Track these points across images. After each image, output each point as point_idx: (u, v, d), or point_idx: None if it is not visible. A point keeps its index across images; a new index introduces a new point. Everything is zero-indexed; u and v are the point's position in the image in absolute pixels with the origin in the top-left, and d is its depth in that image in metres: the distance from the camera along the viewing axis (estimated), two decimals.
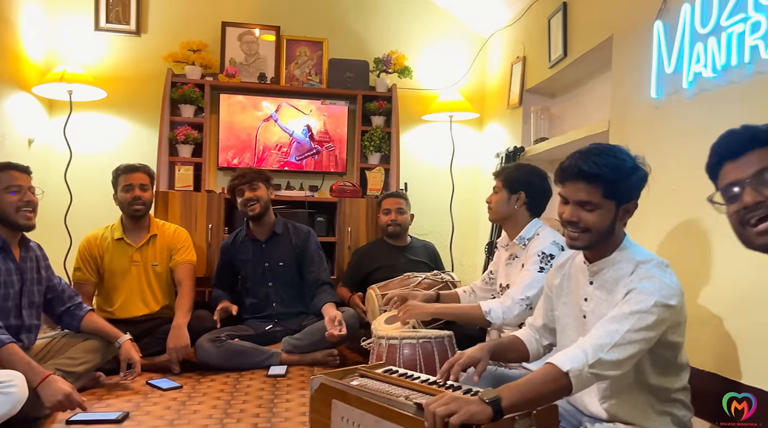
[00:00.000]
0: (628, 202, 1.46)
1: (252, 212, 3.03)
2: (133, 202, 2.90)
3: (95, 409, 2.17)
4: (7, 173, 2.20)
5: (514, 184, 2.20)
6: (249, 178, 3.03)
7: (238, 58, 3.85)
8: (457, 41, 4.10)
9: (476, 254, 4.06)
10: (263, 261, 3.09)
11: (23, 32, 3.30)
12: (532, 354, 1.74)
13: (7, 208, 2.17)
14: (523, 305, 2.06)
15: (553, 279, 1.68)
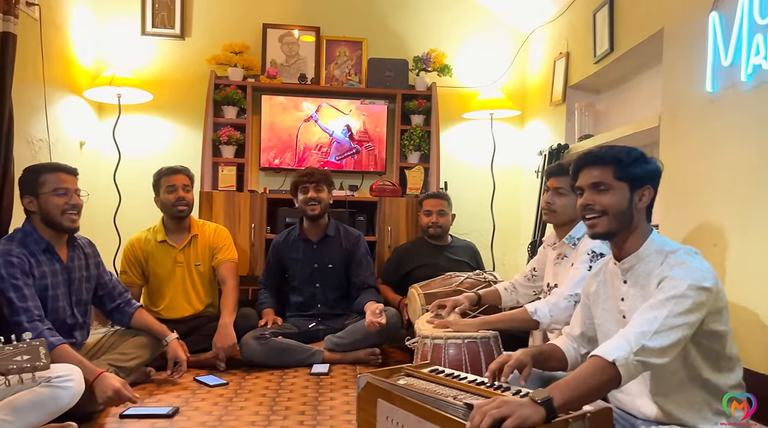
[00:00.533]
0: (642, 187, 1.48)
1: (312, 211, 3.05)
2: (177, 203, 2.95)
3: (146, 404, 2.23)
4: (54, 175, 2.23)
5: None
6: (316, 178, 3.05)
7: (279, 59, 3.89)
8: (498, 38, 4.05)
9: (518, 254, 4.00)
10: (313, 262, 3.12)
11: (74, 38, 3.41)
12: (570, 363, 1.71)
13: (54, 210, 2.19)
14: (571, 302, 2.01)
15: (589, 287, 1.67)
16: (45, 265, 2.21)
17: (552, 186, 2.19)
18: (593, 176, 1.50)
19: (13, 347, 1.36)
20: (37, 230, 2.22)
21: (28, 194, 2.21)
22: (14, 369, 1.34)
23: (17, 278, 2.07)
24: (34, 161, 2.85)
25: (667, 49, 2.31)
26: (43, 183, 2.20)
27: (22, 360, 1.36)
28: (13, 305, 2.03)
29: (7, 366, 1.33)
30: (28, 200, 2.22)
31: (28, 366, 1.36)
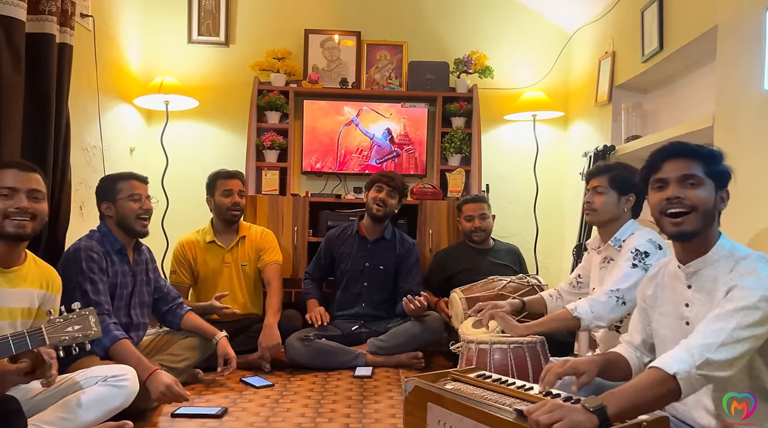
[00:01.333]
0: (723, 189, 1.42)
1: (376, 211, 3.11)
2: (232, 207, 3.04)
3: (196, 404, 2.28)
4: (130, 183, 2.38)
5: (624, 185, 2.09)
6: (394, 184, 3.11)
7: (321, 64, 3.94)
8: (540, 38, 4.00)
9: (562, 257, 3.93)
10: (365, 260, 3.16)
11: (125, 48, 3.53)
12: (635, 373, 1.64)
13: (129, 215, 2.35)
14: (613, 297, 1.95)
15: (646, 290, 1.60)
16: (117, 265, 2.34)
17: (591, 186, 2.17)
18: (684, 167, 1.40)
19: (63, 318, 1.41)
20: (112, 232, 2.36)
21: (105, 200, 2.37)
22: (67, 339, 1.39)
23: (95, 273, 2.21)
24: (89, 168, 2.98)
25: (721, 47, 2.24)
26: (120, 190, 2.35)
27: (73, 331, 1.40)
28: (87, 297, 2.15)
29: (60, 337, 1.37)
30: (105, 205, 2.37)
31: (79, 336, 1.41)
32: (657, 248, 1.98)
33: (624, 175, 2.11)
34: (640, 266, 1.96)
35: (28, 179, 1.75)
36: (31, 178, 1.77)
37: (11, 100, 2.14)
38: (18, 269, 1.78)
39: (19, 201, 1.72)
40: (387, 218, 3.17)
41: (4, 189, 1.71)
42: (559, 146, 4.01)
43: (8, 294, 1.74)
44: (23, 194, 1.73)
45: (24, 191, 1.74)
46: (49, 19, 2.34)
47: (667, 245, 2.01)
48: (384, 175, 3.16)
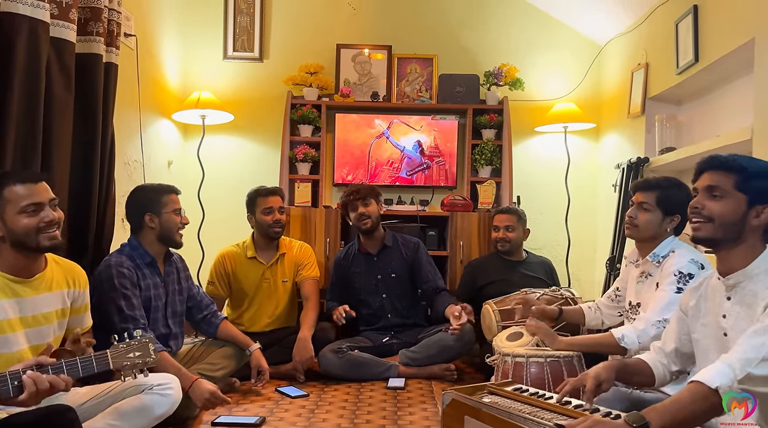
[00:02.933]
0: (762, 204, 1.41)
1: (365, 226, 3.13)
2: (274, 225, 3.08)
3: (234, 413, 2.33)
4: (172, 196, 2.44)
5: (671, 205, 2.03)
6: (362, 194, 3.13)
7: (352, 78, 4.00)
8: (571, 50, 4.00)
9: (594, 270, 3.90)
10: (376, 273, 3.18)
11: (165, 65, 3.65)
12: (658, 380, 1.65)
13: (173, 228, 2.41)
14: (661, 328, 1.91)
15: (689, 300, 1.60)
16: (149, 278, 2.38)
17: (637, 200, 2.11)
18: (710, 179, 1.46)
19: (126, 344, 1.47)
20: (142, 245, 2.40)
21: (150, 212, 2.39)
22: (128, 365, 1.45)
23: (127, 288, 2.24)
24: (130, 181, 3.07)
25: (759, 59, 2.22)
26: (165, 203, 2.40)
27: (134, 357, 1.46)
28: (122, 313, 2.20)
29: (121, 363, 1.43)
30: (149, 217, 2.38)
31: (139, 362, 1.46)
32: (700, 268, 1.95)
33: (672, 195, 2.04)
34: (685, 289, 1.93)
35: (45, 190, 1.73)
36: (45, 187, 1.74)
37: (62, 118, 2.24)
38: (41, 276, 1.78)
39: (45, 215, 1.69)
40: (378, 225, 3.19)
41: (29, 206, 1.67)
42: (591, 158, 3.99)
43: (38, 301, 1.76)
44: (47, 206, 1.71)
45: (47, 203, 1.71)
46: (97, 40, 2.44)
47: (710, 264, 1.98)
48: (348, 194, 3.18)
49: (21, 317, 1.70)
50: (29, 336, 1.73)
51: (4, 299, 1.67)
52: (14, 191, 1.67)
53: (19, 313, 1.70)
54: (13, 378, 1.25)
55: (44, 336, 1.77)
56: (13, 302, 1.69)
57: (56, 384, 1.29)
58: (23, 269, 1.72)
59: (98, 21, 2.44)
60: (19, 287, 1.71)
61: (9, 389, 1.24)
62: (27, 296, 1.72)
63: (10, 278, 1.69)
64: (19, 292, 1.71)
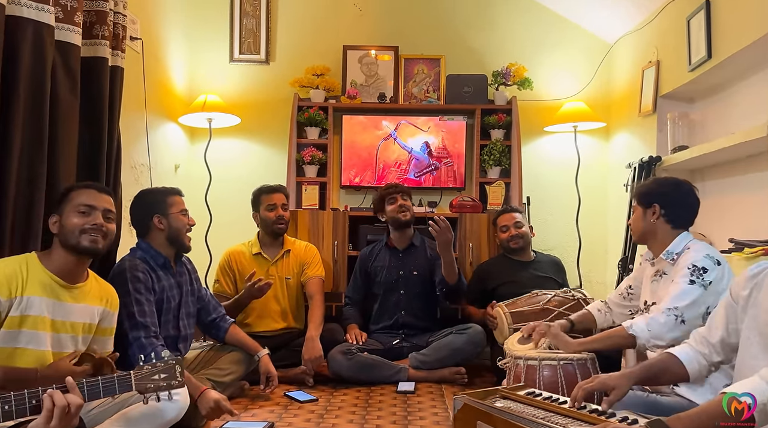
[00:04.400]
0: None
1: (404, 217, 3.17)
2: (277, 221, 3.09)
3: (243, 418, 2.31)
4: (176, 198, 2.43)
5: (645, 197, 2.10)
6: (401, 189, 3.23)
7: (359, 79, 3.98)
8: (580, 48, 3.96)
9: (606, 271, 3.85)
10: (399, 269, 3.20)
11: (171, 68, 3.64)
12: (692, 375, 1.56)
13: (182, 229, 2.40)
14: (671, 316, 1.88)
15: (741, 290, 1.48)
16: (163, 279, 2.37)
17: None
18: None
19: (151, 365, 1.45)
20: (153, 247, 2.38)
21: (157, 214, 2.38)
22: (152, 387, 1.42)
23: (141, 293, 2.23)
24: (137, 185, 3.06)
25: None
26: (171, 204, 2.40)
27: (159, 379, 1.44)
28: (133, 319, 2.18)
29: (146, 385, 1.41)
30: (158, 219, 2.38)
31: (164, 385, 1.44)
32: (715, 264, 1.91)
33: (645, 188, 2.14)
34: (698, 282, 1.90)
35: (104, 200, 1.88)
36: (106, 199, 1.89)
37: (68, 121, 2.23)
38: (82, 286, 1.86)
39: (95, 218, 1.83)
40: (413, 222, 3.24)
41: (82, 206, 1.83)
42: (601, 157, 3.94)
43: (72, 309, 1.82)
44: (99, 213, 1.84)
45: (100, 210, 1.85)
46: (102, 43, 2.43)
47: (726, 261, 1.94)
48: (387, 187, 3.25)
49: (52, 320, 1.77)
50: (53, 340, 1.77)
51: (45, 297, 1.75)
52: (78, 193, 1.86)
53: (52, 315, 1.77)
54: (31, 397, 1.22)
55: (64, 346, 1.80)
56: (51, 302, 1.77)
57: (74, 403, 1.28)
58: (68, 275, 1.82)
59: (104, 24, 2.42)
60: (60, 291, 1.80)
61: (26, 408, 1.22)
62: (64, 301, 1.80)
63: (56, 279, 1.79)
64: (59, 295, 1.80)
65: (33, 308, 1.72)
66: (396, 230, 3.23)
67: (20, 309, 1.70)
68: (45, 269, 1.78)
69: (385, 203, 3.21)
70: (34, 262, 1.79)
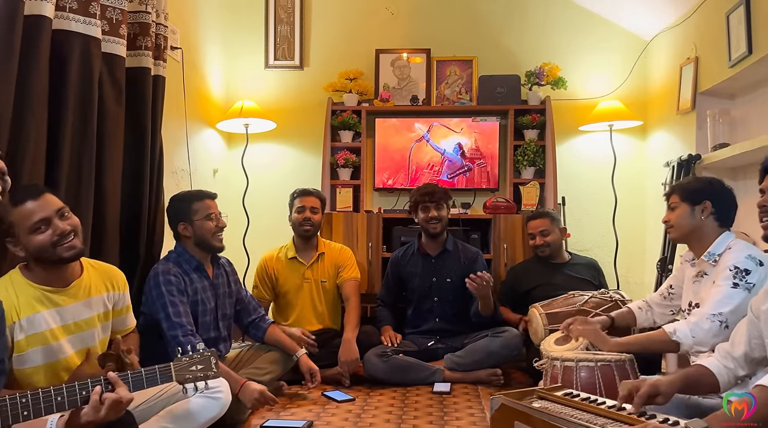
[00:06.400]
0: None
1: (433, 230, 3.12)
2: (303, 223, 3.13)
3: (282, 417, 2.36)
4: (203, 202, 2.47)
5: (694, 194, 2.05)
6: (437, 197, 3.11)
7: (392, 82, 4.01)
8: (615, 46, 3.90)
9: (644, 272, 3.79)
10: (432, 276, 3.17)
11: (208, 76, 3.74)
12: (723, 386, 1.57)
13: (207, 234, 2.44)
14: (716, 322, 1.86)
15: (761, 304, 1.52)
16: (197, 282, 2.43)
17: (668, 206, 2.17)
18: None
19: (188, 357, 1.50)
20: (187, 251, 2.46)
21: (182, 221, 2.45)
22: (190, 378, 1.48)
23: (174, 295, 2.29)
24: (178, 190, 3.13)
25: None
26: (196, 210, 2.44)
27: (196, 370, 1.49)
28: (170, 320, 2.25)
29: (184, 375, 1.47)
30: (183, 226, 2.45)
31: (201, 376, 1.50)
32: (758, 265, 1.88)
33: (692, 185, 2.10)
34: (741, 285, 1.86)
35: (48, 203, 1.69)
36: (48, 200, 1.69)
37: (114, 130, 2.33)
38: (78, 282, 1.79)
39: (55, 228, 1.66)
40: (444, 230, 3.18)
41: (37, 224, 1.64)
42: (638, 156, 3.88)
43: (77, 308, 1.78)
44: (54, 219, 1.67)
45: (54, 216, 1.68)
46: (145, 54, 2.53)
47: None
48: (422, 194, 3.14)
49: (63, 326, 1.73)
50: (73, 342, 1.76)
51: (44, 311, 1.69)
52: (19, 211, 1.64)
53: (61, 322, 1.72)
54: (82, 388, 1.29)
55: (88, 341, 1.81)
56: (53, 311, 1.71)
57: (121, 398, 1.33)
58: (57, 280, 1.74)
59: (146, 35, 2.52)
60: (56, 297, 1.73)
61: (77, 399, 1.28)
62: (66, 305, 1.74)
63: (46, 289, 1.71)
64: (58, 301, 1.73)
65: (37, 326, 1.67)
66: (427, 237, 3.21)
67: (24, 332, 1.65)
68: (32, 284, 1.69)
69: (418, 209, 3.17)
70: (19, 279, 1.69)
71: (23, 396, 1.18)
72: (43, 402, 1.21)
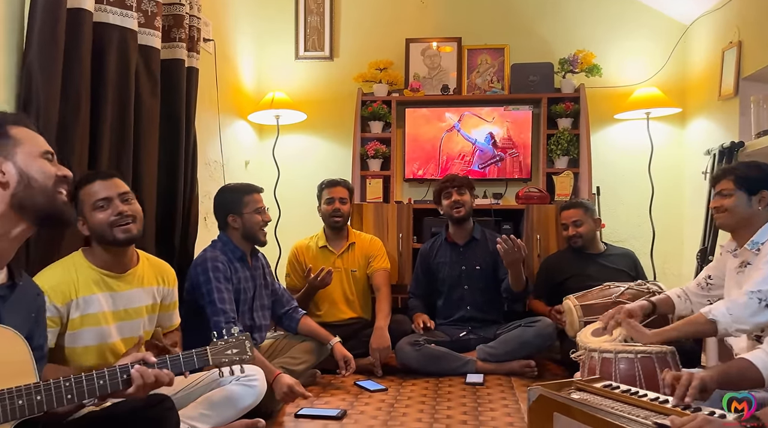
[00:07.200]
0: None
1: (457, 214, 3.11)
2: (333, 214, 3.14)
3: (316, 405, 2.37)
4: (253, 196, 2.51)
5: (753, 184, 1.99)
6: (458, 182, 3.13)
7: (422, 72, 3.97)
8: (652, 31, 3.80)
9: (682, 263, 3.69)
10: (460, 264, 3.16)
11: (240, 68, 3.76)
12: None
13: (254, 227, 2.48)
14: (753, 299, 1.79)
15: None
16: (240, 272, 2.48)
17: (717, 190, 2.09)
18: None
19: (224, 341, 1.52)
20: (232, 241, 2.50)
21: (232, 213, 2.48)
22: (226, 361, 1.50)
23: (220, 282, 2.34)
24: (211, 181, 3.19)
25: None
26: (247, 203, 2.48)
27: (232, 354, 1.51)
28: (214, 306, 2.28)
29: (220, 359, 1.49)
30: (232, 218, 2.48)
31: (237, 359, 1.51)
32: None
33: (750, 173, 2.02)
34: None
35: (114, 185, 1.80)
36: (116, 183, 1.81)
37: (149, 122, 2.35)
38: (133, 271, 1.86)
39: (116, 208, 1.77)
40: (470, 216, 3.17)
41: (99, 202, 1.77)
42: (676, 145, 3.77)
43: (130, 296, 1.84)
44: (116, 200, 1.78)
45: (116, 197, 1.78)
46: (179, 46, 2.55)
47: None
48: (443, 181, 3.17)
49: (114, 311, 1.80)
50: (121, 329, 1.82)
51: (99, 293, 1.77)
52: (87, 190, 1.78)
53: (112, 306, 1.80)
54: (123, 371, 1.31)
55: (135, 330, 1.86)
56: (108, 295, 1.79)
57: (161, 378, 1.35)
58: (115, 265, 1.82)
59: (180, 27, 2.54)
60: (112, 282, 1.81)
61: (118, 382, 1.30)
62: (120, 291, 1.82)
63: (103, 272, 1.80)
64: (113, 286, 1.81)
65: (91, 307, 1.74)
66: (453, 225, 3.19)
67: (80, 310, 1.73)
68: (92, 266, 1.78)
69: (441, 197, 3.16)
70: (81, 261, 1.79)
71: (66, 379, 1.21)
72: (86, 385, 1.24)
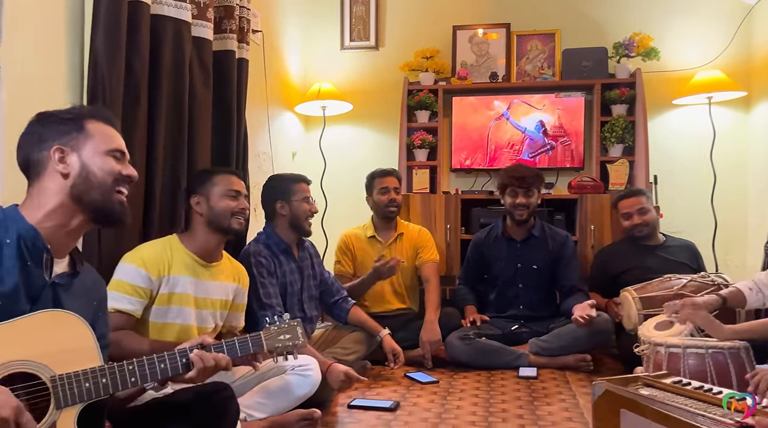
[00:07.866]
0: None
1: (520, 217, 3.00)
2: (389, 204, 3.10)
3: (368, 397, 2.36)
4: (301, 185, 2.52)
5: None
6: (528, 182, 2.98)
7: (469, 60, 3.89)
8: (714, 11, 3.61)
9: (746, 254, 3.52)
10: (516, 262, 3.06)
11: (287, 59, 3.77)
12: None
13: (302, 215, 2.48)
14: None
15: None
16: (285, 264, 2.47)
17: None
18: None
19: (276, 327, 1.52)
20: (276, 233, 2.49)
21: (281, 199, 2.49)
22: (279, 347, 1.50)
23: (264, 277, 2.34)
24: (260, 172, 3.20)
25: None
26: (295, 191, 2.49)
27: (284, 339, 1.51)
28: (260, 301, 2.29)
29: (273, 344, 1.49)
30: (280, 205, 2.49)
31: (290, 345, 1.51)
32: None
33: None
34: None
35: (244, 186, 2.07)
36: (244, 185, 2.10)
37: (202, 113, 2.37)
38: (218, 264, 1.99)
39: (242, 203, 2.00)
40: (531, 217, 3.05)
41: (232, 191, 1.99)
42: (741, 130, 3.58)
43: (211, 287, 1.94)
44: (243, 197, 2.02)
45: (243, 195, 2.03)
46: (230, 37, 2.56)
47: None
48: (513, 177, 2.99)
49: (195, 297, 1.89)
50: (196, 315, 1.89)
51: (187, 276, 1.88)
52: (223, 177, 2.01)
53: (194, 293, 1.89)
54: (182, 355, 1.32)
55: (205, 321, 1.93)
56: (193, 280, 1.90)
57: (219, 362, 1.35)
58: (208, 254, 1.96)
59: (231, 19, 2.55)
60: (200, 269, 1.93)
61: (178, 366, 1.31)
62: (204, 279, 1.93)
63: (195, 258, 1.92)
64: (199, 273, 1.92)
65: (179, 286, 1.85)
66: (513, 221, 3.08)
67: (168, 287, 1.84)
68: (186, 250, 1.91)
69: (506, 191, 3.04)
70: (176, 244, 1.92)
71: (129, 363, 1.23)
72: (148, 368, 1.26)
